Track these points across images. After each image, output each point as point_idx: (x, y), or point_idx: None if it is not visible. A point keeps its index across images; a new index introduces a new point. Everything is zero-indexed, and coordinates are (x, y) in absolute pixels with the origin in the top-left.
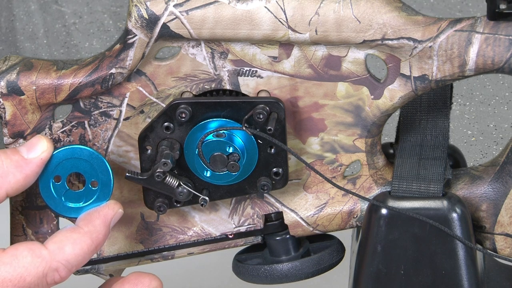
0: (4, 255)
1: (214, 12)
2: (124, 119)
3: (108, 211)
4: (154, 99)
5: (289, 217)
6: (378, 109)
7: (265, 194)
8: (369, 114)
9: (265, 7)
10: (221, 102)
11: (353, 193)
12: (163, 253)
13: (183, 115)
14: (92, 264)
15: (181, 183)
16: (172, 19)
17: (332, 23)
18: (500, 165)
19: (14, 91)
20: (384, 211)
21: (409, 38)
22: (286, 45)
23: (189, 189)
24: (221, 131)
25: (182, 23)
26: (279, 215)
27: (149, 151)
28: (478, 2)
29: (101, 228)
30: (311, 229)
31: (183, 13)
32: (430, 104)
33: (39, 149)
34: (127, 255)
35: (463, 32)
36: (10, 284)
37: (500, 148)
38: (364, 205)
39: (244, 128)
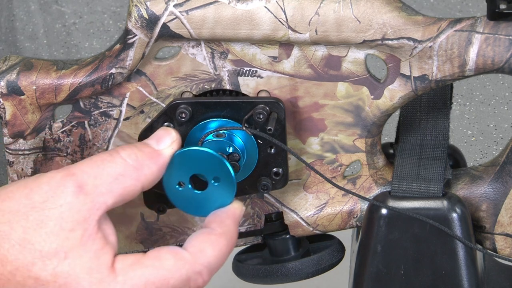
0: (145, 258)
1: (214, 12)
2: (124, 119)
3: (235, 210)
4: (154, 99)
5: (289, 217)
6: (378, 109)
7: (265, 194)
8: (369, 114)
9: (265, 7)
10: (221, 102)
11: (353, 193)
12: None
13: (183, 115)
14: None
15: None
16: (172, 19)
17: (332, 23)
18: (500, 165)
19: (14, 91)
20: (384, 211)
21: (409, 38)
22: (286, 45)
23: None
24: (221, 131)
25: (182, 23)
26: (279, 215)
27: None
28: (478, 2)
29: (233, 228)
30: (311, 229)
31: (183, 13)
32: (430, 104)
33: (168, 140)
34: None
35: (463, 32)
36: (154, 286)
37: (500, 148)
38: (364, 205)
39: (244, 128)
